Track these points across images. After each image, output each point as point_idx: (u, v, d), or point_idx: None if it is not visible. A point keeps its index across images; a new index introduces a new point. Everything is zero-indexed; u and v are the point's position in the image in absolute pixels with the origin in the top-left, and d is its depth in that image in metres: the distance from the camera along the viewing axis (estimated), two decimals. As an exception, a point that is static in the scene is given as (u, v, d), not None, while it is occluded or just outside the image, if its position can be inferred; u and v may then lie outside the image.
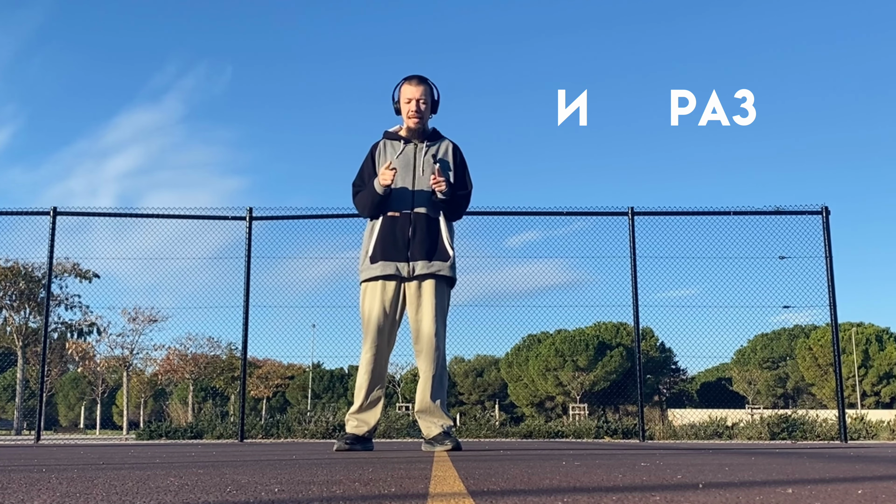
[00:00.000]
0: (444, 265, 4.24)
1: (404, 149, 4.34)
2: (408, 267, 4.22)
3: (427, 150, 4.33)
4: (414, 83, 4.31)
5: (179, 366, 40.34)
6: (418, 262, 4.21)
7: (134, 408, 50.43)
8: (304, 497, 1.54)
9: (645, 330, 36.42)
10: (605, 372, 49.58)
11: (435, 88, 4.37)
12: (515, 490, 1.69)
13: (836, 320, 9.75)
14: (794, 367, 53.16)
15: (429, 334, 4.23)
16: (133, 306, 29.40)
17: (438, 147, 4.36)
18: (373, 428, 4.39)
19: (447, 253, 4.24)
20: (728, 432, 11.83)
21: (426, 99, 4.30)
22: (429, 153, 4.32)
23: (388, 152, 4.36)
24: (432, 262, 4.21)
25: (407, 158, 4.31)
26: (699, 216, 10.15)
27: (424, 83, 4.33)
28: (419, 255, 4.20)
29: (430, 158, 4.30)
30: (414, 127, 4.33)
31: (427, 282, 4.24)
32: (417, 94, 4.29)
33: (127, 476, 2.21)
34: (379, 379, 4.37)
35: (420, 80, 4.33)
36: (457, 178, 4.34)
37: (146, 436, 11.80)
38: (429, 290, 4.24)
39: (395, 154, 4.33)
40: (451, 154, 4.37)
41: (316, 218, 10.34)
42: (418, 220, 4.23)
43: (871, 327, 52.38)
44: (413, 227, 4.22)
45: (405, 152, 4.33)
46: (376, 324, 4.29)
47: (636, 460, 3.09)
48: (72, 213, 10.09)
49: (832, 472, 2.28)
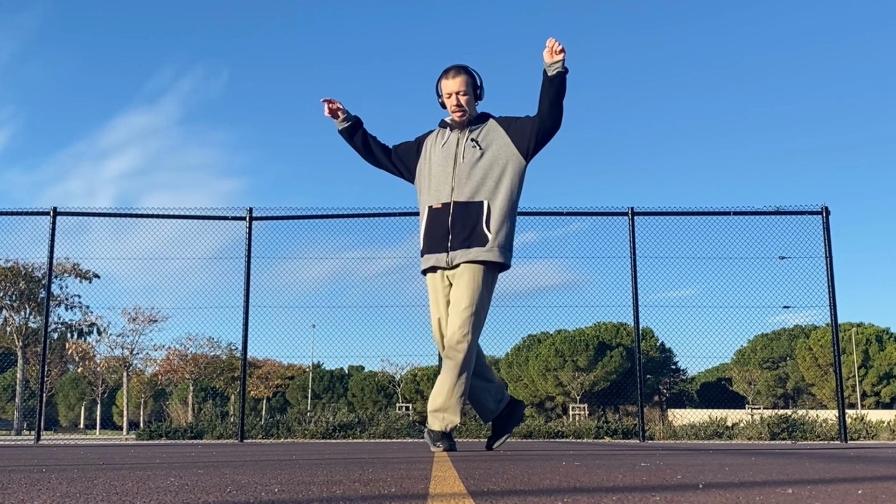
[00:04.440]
0: (481, 250, 4.07)
1: (448, 137, 4.27)
2: (447, 257, 4.14)
3: (469, 135, 4.23)
4: (451, 76, 4.21)
5: (179, 366, 40.34)
6: (456, 252, 4.11)
7: (134, 408, 50.43)
8: (304, 497, 1.54)
9: (645, 330, 36.41)
10: (605, 372, 49.59)
11: (476, 75, 4.26)
12: (515, 490, 1.69)
13: (836, 320, 9.75)
14: (794, 368, 53.16)
15: (450, 333, 4.09)
16: (133, 306, 29.43)
17: (481, 129, 4.24)
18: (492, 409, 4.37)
19: (485, 237, 4.07)
20: (728, 432, 11.83)
21: (465, 89, 4.18)
22: (469, 137, 4.22)
23: (438, 140, 4.30)
24: (470, 249, 4.08)
25: (449, 148, 4.23)
26: (699, 216, 10.15)
27: (461, 73, 4.21)
28: (457, 245, 4.11)
29: (470, 142, 4.20)
30: (459, 121, 4.26)
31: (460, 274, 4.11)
32: (455, 87, 4.18)
33: (127, 476, 2.21)
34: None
35: (457, 72, 4.22)
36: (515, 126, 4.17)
37: (146, 436, 11.80)
38: (460, 283, 4.11)
39: (442, 143, 4.27)
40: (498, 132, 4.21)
41: (316, 218, 10.35)
42: (457, 209, 4.13)
43: (871, 327, 52.38)
44: (452, 217, 4.13)
45: (448, 142, 4.25)
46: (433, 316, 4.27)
47: (636, 460, 3.09)
48: (72, 214, 10.09)
49: (832, 473, 2.28)
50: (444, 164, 4.21)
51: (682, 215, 10.15)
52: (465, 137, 4.21)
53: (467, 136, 4.21)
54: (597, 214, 10.05)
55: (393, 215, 10.08)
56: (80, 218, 10.32)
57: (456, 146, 4.21)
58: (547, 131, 4.15)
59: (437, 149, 4.28)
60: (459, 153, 4.19)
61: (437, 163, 4.24)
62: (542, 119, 4.13)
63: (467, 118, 4.23)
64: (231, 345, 40.38)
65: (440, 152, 4.24)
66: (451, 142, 4.24)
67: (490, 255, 4.07)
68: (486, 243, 4.07)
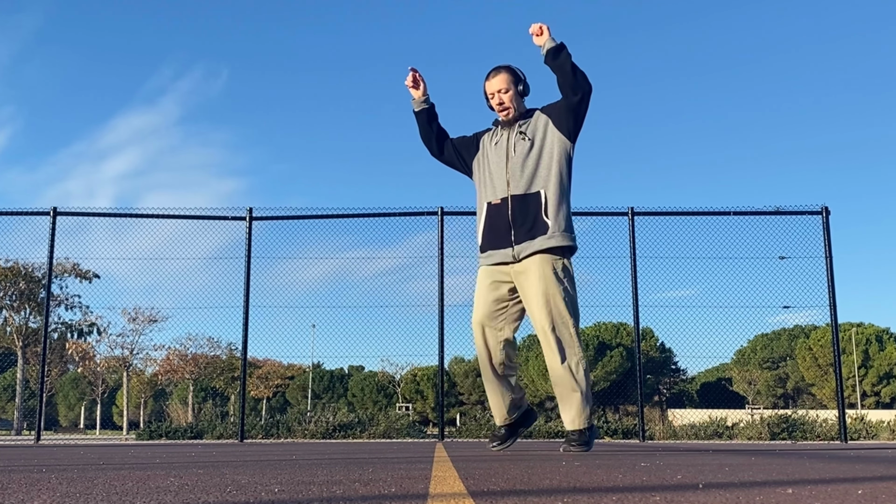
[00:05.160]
0: (544, 238, 4.10)
1: (500, 135, 4.34)
2: (512, 251, 4.17)
3: (517, 128, 4.29)
4: (492, 76, 4.31)
5: (179, 366, 40.31)
6: (521, 245, 4.14)
7: (134, 408, 50.40)
8: (304, 497, 1.54)
9: (645, 330, 36.43)
10: (605, 372, 49.57)
11: (518, 71, 4.32)
12: (515, 490, 1.69)
13: (836, 320, 9.75)
14: (794, 368, 53.16)
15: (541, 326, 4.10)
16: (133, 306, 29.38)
17: (528, 121, 4.29)
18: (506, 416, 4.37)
19: (545, 225, 4.11)
20: (728, 432, 11.83)
21: (507, 87, 4.25)
22: (518, 131, 4.28)
23: (492, 139, 4.38)
24: (534, 240, 4.12)
25: (501, 145, 4.31)
26: (699, 216, 10.16)
27: (501, 72, 4.29)
28: (521, 238, 4.15)
29: (518, 136, 4.27)
30: (505, 120, 4.33)
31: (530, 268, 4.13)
32: (497, 85, 4.26)
33: (127, 476, 2.21)
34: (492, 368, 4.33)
35: (497, 71, 4.31)
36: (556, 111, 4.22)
37: (146, 436, 11.80)
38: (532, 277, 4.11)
39: (495, 141, 4.35)
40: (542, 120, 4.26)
41: (316, 218, 10.35)
42: (515, 203, 4.18)
43: (871, 327, 52.38)
44: (512, 212, 4.18)
45: (500, 140, 4.33)
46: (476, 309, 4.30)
47: (636, 460, 3.09)
48: (72, 214, 10.09)
49: (832, 473, 2.28)
50: (498, 161, 4.28)
51: (682, 215, 10.16)
52: (514, 132, 4.28)
53: (516, 130, 4.28)
54: (597, 214, 10.05)
55: (393, 215, 10.08)
56: (79, 218, 10.32)
57: (507, 142, 4.28)
58: (575, 105, 4.19)
59: (491, 147, 4.36)
60: (510, 147, 4.26)
61: (492, 160, 4.32)
62: (567, 97, 4.20)
63: (513, 114, 4.29)
64: (231, 345, 40.37)
65: (494, 150, 4.33)
66: (503, 139, 4.31)
67: (553, 241, 4.11)
68: (548, 231, 4.11)
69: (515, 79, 4.29)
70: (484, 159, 4.38)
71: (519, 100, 4.30)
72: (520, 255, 4.15)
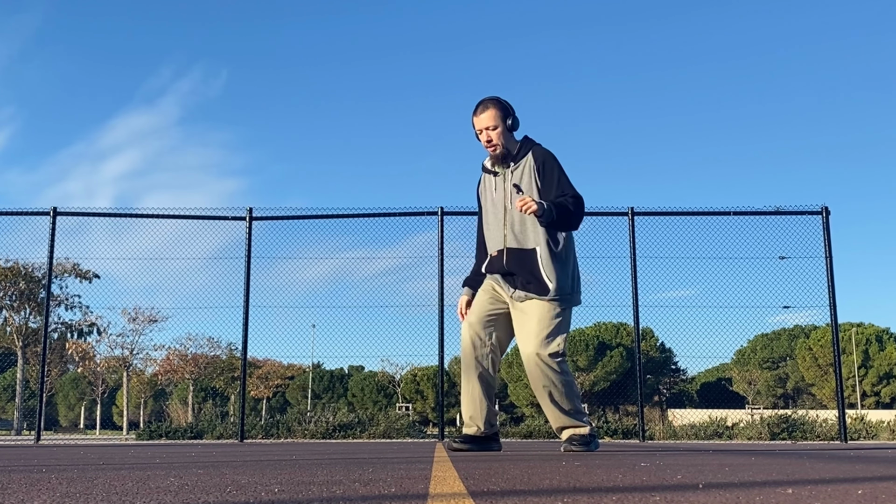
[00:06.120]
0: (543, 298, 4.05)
1: (496, 185, 4.25)
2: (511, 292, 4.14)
3: (510, 178, 4.20)
4: (479, 112, 4.19)
5: (179, 366, 40.30)
6: (517, 292, 4.11)
7: (134, 408, 50.39)
8: (304, 497, 1.54)
9: (645, 330, 36.41)
10: (605, 372, 49.58)
11: (506, 105, 4.20)
12: (515, 490, 1.69)
13: (836, 320, 9.75)
14: (794, 368, 53.16)
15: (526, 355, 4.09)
16: (133, 306, 29.36)
17: (522, 169, 4.19)
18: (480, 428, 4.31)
19: (546, 286, 4.04)
20: (728, 432, 11.83)
21: (495, 124, 4.14)
22: (512, 181, 4.19)
23: (488, 189, 4.31)
24: (530, 294, 4.08)
25: (498, 197, 4.23)
26: (699, 216, 10.16)
27: (488, 107, 4.16)
28: (519, 286, 4.11)
29: (513, 188, 4.17)
30: (493, 156, 4.23)
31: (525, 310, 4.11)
32: (484, 122, 4.15)
33: (127, 476, 2.21)
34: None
35: (484, 107, 4.18)
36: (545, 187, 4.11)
37: (146, 436, 11.80)
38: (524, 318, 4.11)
39: (492, 192, 4.27)
40: (531, 168, 4.16)
41: (316, 218, 10.36)
42: (510, 257, 4.13)
43: (871, 327, 52.36)
44: (509, 265, 4.13)
45: (497, 190, 4.24)
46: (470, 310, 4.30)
47: (636, 460, 3.09)
48: (72, 214, 10.09)
49: (832, 473, 2.28)
50: (496, 213, 4.23)
51: (682, 215, 10.16)
52: (509, 182, 4.19)
53: (510, 177, 4.20)
54: (597, 214, 10.06)
55: (393, 215, 10.09)
56: (79, 218, 10.33)
57: (503, 194, 4.21)
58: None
59: (488, 199, 4.29)
60: (507, 199, 4.19)
61: (490, 211, 4.27)
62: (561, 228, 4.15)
63: (501, 152, 4.19)
64: (231, 345, 40.36)
65: (491, 202, 4.27)
66: (499, 190, 4.23)
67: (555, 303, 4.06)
68: (546, 293, 4.05)
69: (504, 114, 4.18)
70: (484, 212, 4.33)
71: (508, 135, 4.20)
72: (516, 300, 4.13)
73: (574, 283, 4.18)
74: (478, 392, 4.26)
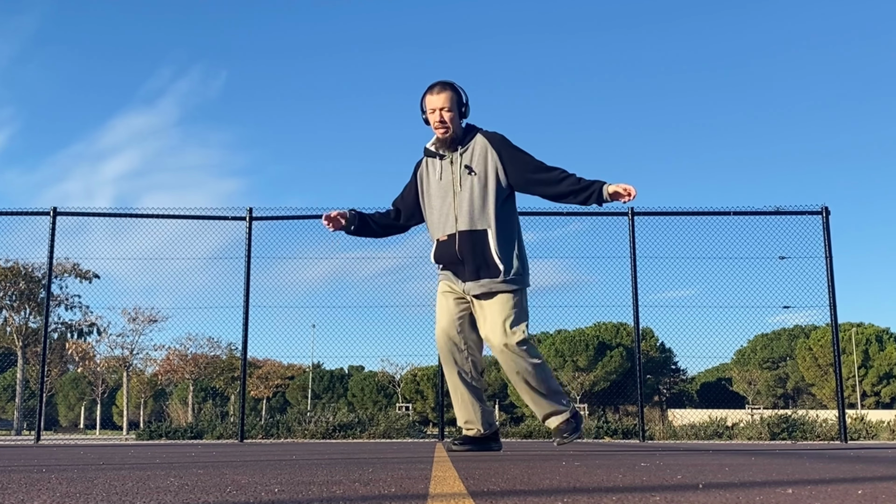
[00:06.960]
0: (495, 281, 4.04)
1: (441, 168, 4.20)
2: (462, 286, 4.13)
3: (461, 161, 4.15)
4: (436, 91, 4.14)
5: (179, 366, 40.30)
6: (468, 284, 4.09)
7: (134, 408, 50.40)
8: (304, 497, 1.54)
9: (645, 330, 36.40)
10: (605, 372, 49.60)
11: (462, 92, 4.18)
12: (515, 490, 1.69)
13: (836, 320, 9.75)
14: (794, 368, 53.16)
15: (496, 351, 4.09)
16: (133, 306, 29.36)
17: (472, 151, 4.16)
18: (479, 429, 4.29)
19: (497, 268, 4.03)
20: (728, 432, 11.83)
21: (450, 106, 4.10)
22: (462, 163, 4.15)
23: (431, 172, 4.25)
24: (481, 280, 4.06)
25: (445, 179, 4.18)
26: (699, 216, 10.16)
27: (446, 89, 4.13)
28: (469, 276, 4.08)
29: (464, 169, 4.14)
30: (442, 138, 4.17)
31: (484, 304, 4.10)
32: (439, 103, 4.10)
33: (127, 476, 2.21)
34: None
35: (442, 88, 4.14)
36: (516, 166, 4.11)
37: (146, 436, 11.80)
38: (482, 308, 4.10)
39: (437, 175, 4.20)
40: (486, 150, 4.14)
41: (316, 218, 10.35)
42: (462, 240, 4.07)
43: (871, 327, 52.38)
44: (460, 248, 4.08)
45: (443, 172, 4.19)
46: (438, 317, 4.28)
47: (636, 460, 3.09)
48: (72, 214, 10.09)
49: (832, 473, 2.28)
50: (444, 196, 4.16)
51: (682, 215, 10.16)
52: (459, 164, 4.15)
53: (460, 162, 4.15)
54: (597, 214, 10.07)
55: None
56: (79, 218, 10.33)
57: (451, 175, 4.16)
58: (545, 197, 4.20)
59: (433, 182, 4.22)
60: (456, 182, 4.13)
61: (435, 195, 4.19)
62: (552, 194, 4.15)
63: (450, 135, 4.14)
64: (231, 345, 40.34)
65: (436, 185, 4.20)
66: (446, 172, 4.18)
67: (504, 286, 4.05)
68: (498, 275, 4.04)
69: (459, 100, 4.16)
70: (427, 196, 4.25)
71: (458, 121, 4.16)
72: (469, 293, 4.10)
73: (522, 265, 4.15)
74: (467, 397, 4.23)
